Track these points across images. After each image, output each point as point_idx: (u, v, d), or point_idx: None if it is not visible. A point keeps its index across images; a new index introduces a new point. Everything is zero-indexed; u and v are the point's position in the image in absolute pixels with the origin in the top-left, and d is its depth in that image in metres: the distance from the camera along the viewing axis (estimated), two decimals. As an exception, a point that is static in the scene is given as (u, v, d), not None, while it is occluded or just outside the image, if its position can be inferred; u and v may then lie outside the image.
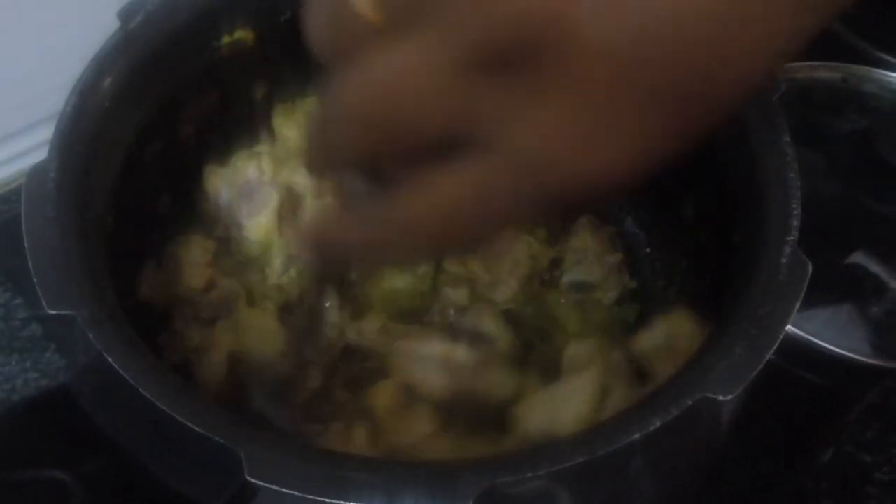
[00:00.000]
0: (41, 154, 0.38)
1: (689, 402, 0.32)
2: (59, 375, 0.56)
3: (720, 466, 0.49)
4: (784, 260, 0.35)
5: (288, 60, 0.52)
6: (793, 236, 0.36)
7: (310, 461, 0.31)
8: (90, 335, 0.33)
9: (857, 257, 0.54)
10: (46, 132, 0.39)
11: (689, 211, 0.49)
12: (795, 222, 0.36)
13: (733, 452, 0.51)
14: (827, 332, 0.51)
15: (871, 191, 0.56)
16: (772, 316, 0.34)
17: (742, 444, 0.51)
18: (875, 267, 0.54)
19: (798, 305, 0.34)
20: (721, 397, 0.32)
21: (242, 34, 0.47)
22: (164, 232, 0.50)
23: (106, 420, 0.34)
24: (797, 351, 0.51)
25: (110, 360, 0.32)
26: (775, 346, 0.33)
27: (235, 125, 0.52)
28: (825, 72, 0.62)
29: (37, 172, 0.37)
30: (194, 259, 0.49)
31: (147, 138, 0.45)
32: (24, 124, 0.55)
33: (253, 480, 0.30)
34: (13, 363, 0.57)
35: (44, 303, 0.34)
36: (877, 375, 0.52)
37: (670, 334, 0.44)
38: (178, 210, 0.50)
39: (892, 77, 0.61)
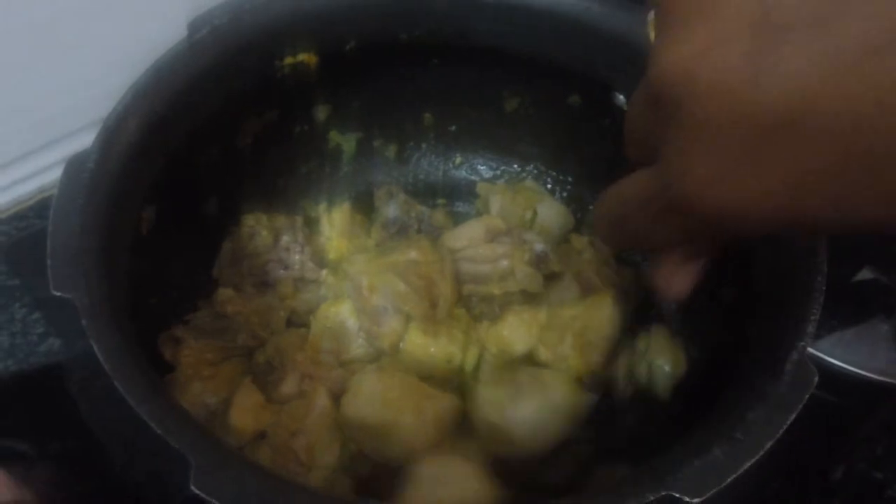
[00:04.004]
0: (56, 173, 0.38)
1: (652, 498, 0.30)
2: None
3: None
4: (789, 366, 0.33)
5: (352, 90, 0.53)
6: (804, 341, 0.33)
7: (256, 481, 0.31)
8: (83, 321, 0.34)
9: (865, 274, 0.53)
10: (61, 151, 0.39)
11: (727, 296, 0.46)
12: (811, 328, 0.34)
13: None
14: (837, 349, 0.50)
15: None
16: (763, 424, 0.32)
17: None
18: (883, 283, 0.53)
19: (794, 416, 0.32)
20: (687, 499, 0.30)
21: (306, 57, 0.48)
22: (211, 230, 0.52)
23: (86, 407, 0.35)
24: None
25: (95, 347, 0.33)
26: (756, 459, 0.31)
27: (295, 142, 0.54)
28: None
29: (76, 161, 0.39)
30: None
31: (199, 144, 0.46)
32: (41, 143, 0.54)
33: (195, 490, 0.30)
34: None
35: (51, 284, 0.35)
36: (888, 392, 0.51)
37: None
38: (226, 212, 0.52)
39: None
